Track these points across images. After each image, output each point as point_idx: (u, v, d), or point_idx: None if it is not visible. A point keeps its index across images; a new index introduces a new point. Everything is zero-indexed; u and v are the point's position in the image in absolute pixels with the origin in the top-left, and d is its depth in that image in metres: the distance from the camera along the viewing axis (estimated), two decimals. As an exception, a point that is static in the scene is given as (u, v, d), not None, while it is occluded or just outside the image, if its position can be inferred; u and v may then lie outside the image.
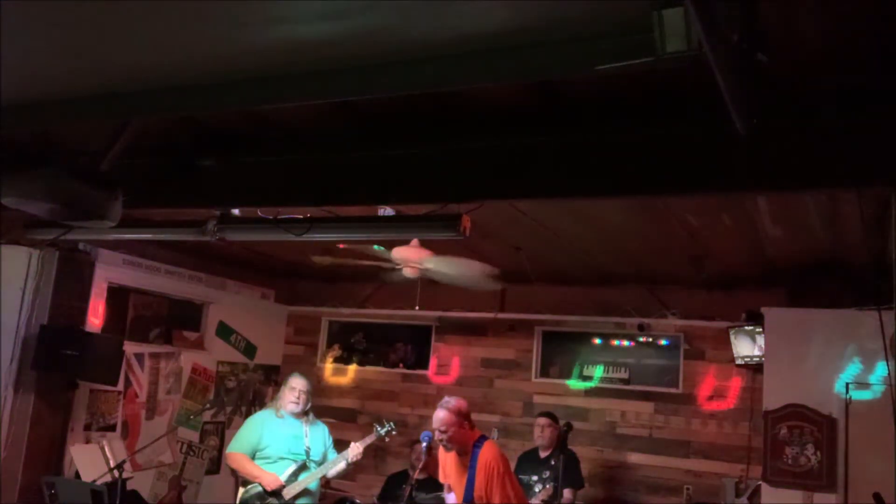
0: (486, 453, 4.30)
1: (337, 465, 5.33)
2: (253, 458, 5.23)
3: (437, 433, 4.33)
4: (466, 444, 4.35)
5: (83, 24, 2.48)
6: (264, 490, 5.12)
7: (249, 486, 5.18)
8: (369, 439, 5.52)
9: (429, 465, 5.45)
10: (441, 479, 4.68)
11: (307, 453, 5.29)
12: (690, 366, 6.70)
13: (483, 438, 4.41)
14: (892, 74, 2.61)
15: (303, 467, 5.25)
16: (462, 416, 4.33)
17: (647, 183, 3.28)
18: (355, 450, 5.32)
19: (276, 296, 8.15)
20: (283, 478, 5.15)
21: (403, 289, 6.36)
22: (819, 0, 2.25)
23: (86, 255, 5.91)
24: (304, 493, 5.24)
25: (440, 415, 4.31)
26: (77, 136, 3.94)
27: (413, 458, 6.39)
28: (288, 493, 5.15)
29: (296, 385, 5.38)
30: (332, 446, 5.49)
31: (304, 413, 5.41)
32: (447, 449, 4.43)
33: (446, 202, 3.72)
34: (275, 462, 5.21)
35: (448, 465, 4.51)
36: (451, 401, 4.38)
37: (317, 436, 5.41)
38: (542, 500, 5.44)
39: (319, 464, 5.33)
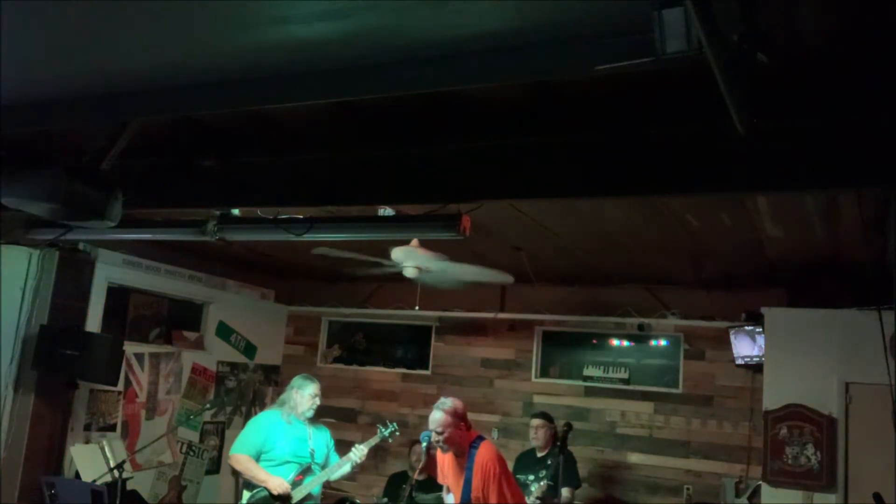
0: (483, 454, 4.29)
1: (342, 468, 5.31)
2: (257, 460, 5.21)
3: (433, 434, 4.32)
4: (463, 445, 4.33)
5: (83, 24, 2.49)
6: (270, 494, 5.09)
7: (255, 490, 5.14)
8: (373, 441, 5.51)
9: (429, 466, 5.44)
10: (440, 479, 4.67)
11: (312, 456, 5.26)
12: (690, 366, 6.70)
13: (480, 439, 4.39)
14: (891, 74, 2.61)
15: (307, 470, 5.23)
16: (458, 417, 4.32)
17: (648, 183, 3.27)
18: (360, 452, 5.30)
19: (276, 296, 8.15)
20: (288, 481, 5.13)
21: (403, 289, 6.36)
22: (819, 0, 2.25)
23: (86, 255, 5.91)
24: (308, 497, 5.22)
25: (436, 416, 4.29)
26: (77, 136, 3.94)
27: (413, 460, 6.37)
28: (294, 498, 5.13)
29: (316, 392, 5.34)
30: (333, 448, 5.47)
31: None
32: (444, 450, 4.42)
33: (446, 202, 3.72)
34: (280, 465, 5.18)
35: (446, 465, 4.50)
36: (448, 402, 4.36)
37: (320, 438, 5.38)
38: (537, 497, 5.43)
39: (323, 466, 5.31)
